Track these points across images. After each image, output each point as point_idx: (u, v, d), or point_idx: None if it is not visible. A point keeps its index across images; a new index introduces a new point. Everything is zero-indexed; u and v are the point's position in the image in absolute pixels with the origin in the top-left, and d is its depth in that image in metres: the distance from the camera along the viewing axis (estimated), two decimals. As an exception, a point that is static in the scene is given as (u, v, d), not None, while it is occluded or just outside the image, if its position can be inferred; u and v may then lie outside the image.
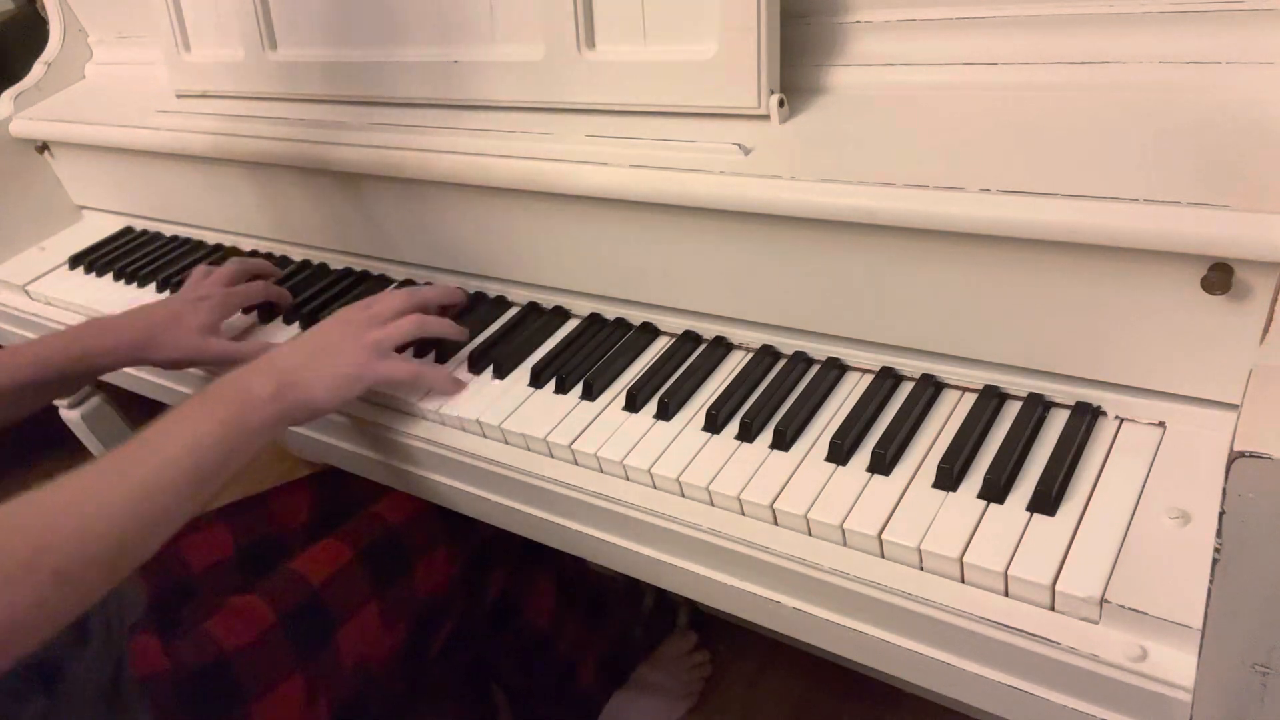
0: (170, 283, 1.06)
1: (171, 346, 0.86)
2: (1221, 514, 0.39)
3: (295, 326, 0.93)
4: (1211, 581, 0.41)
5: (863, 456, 0.63)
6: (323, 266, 1.03)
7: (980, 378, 0.66)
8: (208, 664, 0.75)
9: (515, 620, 1.02)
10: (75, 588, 0.55)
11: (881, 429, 0.64)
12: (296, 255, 1.06)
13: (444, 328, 0.81)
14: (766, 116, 0.70)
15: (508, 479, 0.73)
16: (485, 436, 0.75)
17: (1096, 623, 0.51)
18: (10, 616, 0.52)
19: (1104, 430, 0.61)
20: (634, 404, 0.72)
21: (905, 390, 0.68)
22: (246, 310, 0.96)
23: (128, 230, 1.23)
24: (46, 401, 0.89)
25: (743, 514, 0.63)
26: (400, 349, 0.79)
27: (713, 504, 0.64)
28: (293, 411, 0.70)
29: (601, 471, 0.69)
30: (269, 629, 0.78)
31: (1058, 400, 0.63)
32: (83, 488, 0.59)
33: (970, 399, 0.65)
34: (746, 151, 0.68)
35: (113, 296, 1.08)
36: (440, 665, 0.93)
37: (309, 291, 0.98)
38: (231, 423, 0.66)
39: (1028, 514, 0.56)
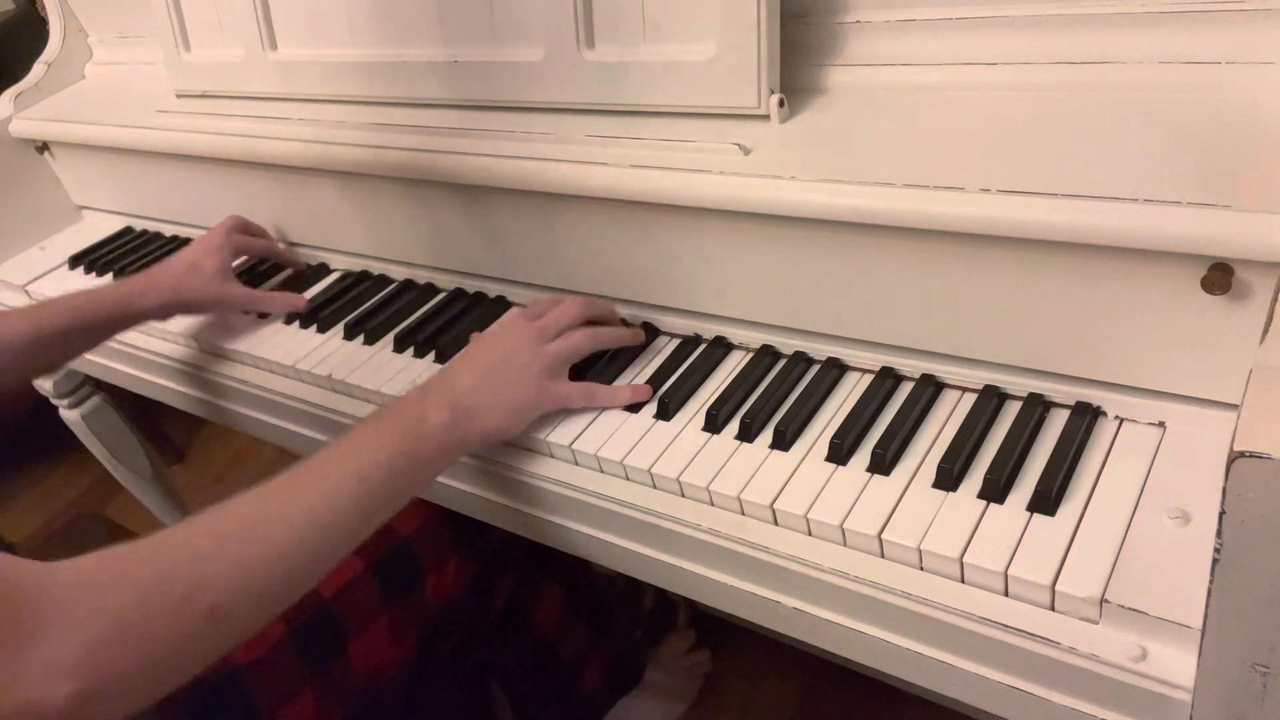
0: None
1: (196, 291, 0.91)
2: (1221, 514, 0.39)
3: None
4: (1211, 581, 0.41)
5: (863, 456, 0.63)
6: (323, 266, 1.03)
7: (980, 378, 0.66)
8: (219, 677, 0.75)
9: (522, 626, 1.02)
10: (231, 625, 0.52)
11: (881, 429, 0.64)
12: (300, 256, 1.05)
13: (618, 339, 0.76)
14: (766, 116, 0.70)
15: (509, 479, 0.73)
16: (485, 436, 0.75)
17: (1096, 623, 0.51)
18: (156, 653, 0.48)
19: (1104, 430, 0.61)
20: (634, 404, 0.72)
21: (905, 390, 0.68)
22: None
23: (128, 230, 1.23)
24: (84, 350, 0.92)
25: (743, 514, 0.63)
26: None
27: (713, 504, 0.64)
28: (467, 441, 0.66)
29: (601, 472, 0.69)
30: (279, 642, 0.78)
31: (1058, 400, 0.63)
32: (245, 517, 0.55)
33: (970, 399, 0.65)
34: (746, 151, 0.68)
35: (113, 296, 1.07)
36: (445, 670, 0.93)
37: (314, 291, 0.98)
38: (404, 453, 0.61)
39: (1028, 514, 0.56)
